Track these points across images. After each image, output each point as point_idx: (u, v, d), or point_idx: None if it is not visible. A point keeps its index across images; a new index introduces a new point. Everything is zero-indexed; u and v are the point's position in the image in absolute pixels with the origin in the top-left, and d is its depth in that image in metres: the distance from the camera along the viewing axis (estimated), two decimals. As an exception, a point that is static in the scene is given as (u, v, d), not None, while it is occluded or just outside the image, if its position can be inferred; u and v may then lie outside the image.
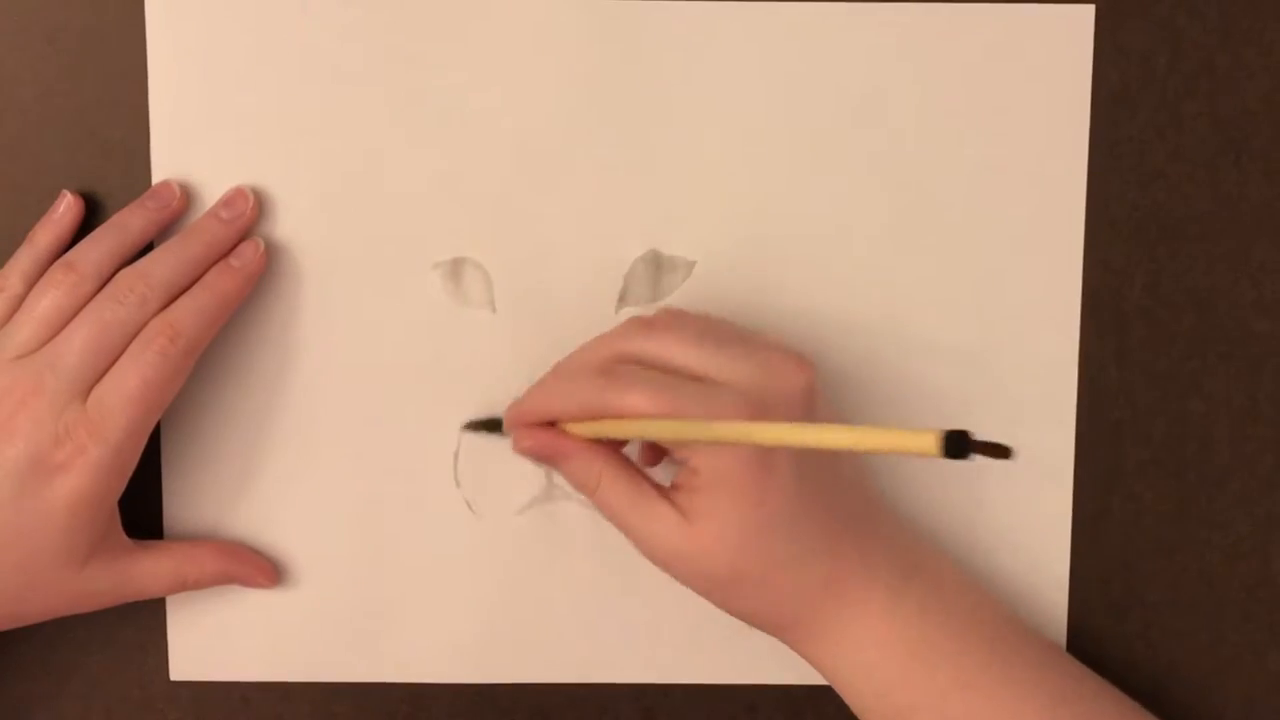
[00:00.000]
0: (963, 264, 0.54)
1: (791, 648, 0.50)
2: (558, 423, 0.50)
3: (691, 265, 0.54)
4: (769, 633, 0.50)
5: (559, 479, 0.54)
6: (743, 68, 0.53)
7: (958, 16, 0.53)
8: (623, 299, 0.54)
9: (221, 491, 0.54)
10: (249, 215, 0.52)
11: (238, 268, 0.52)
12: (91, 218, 0.52)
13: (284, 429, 0.54)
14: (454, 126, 0.53)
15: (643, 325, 0.49)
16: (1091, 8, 0.53)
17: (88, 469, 0.48)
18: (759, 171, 0.53)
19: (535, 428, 0.50)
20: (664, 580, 0.54)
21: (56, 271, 0.50)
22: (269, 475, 0.54)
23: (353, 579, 0.55)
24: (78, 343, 0.49)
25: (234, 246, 0.52)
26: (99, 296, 0.50)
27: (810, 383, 0.48)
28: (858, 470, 0.51)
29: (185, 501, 0.54)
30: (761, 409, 0.46)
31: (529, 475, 0.54)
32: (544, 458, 0.50)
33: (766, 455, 0.47)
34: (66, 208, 0.52)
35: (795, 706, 0.55)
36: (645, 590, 0.55)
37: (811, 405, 0.48)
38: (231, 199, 0.52)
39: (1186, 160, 0.54)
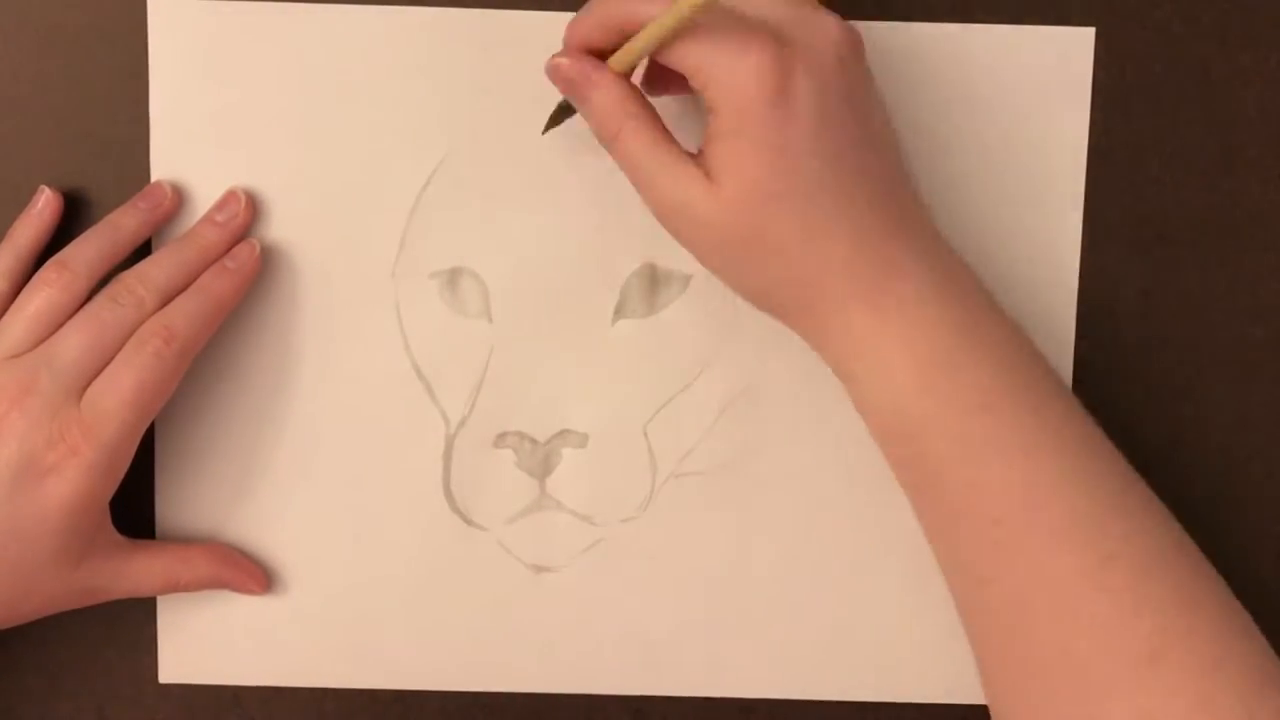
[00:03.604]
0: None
1: (804, 337, 0.48)
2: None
3: (687, 279, 0.54)
4: (783, 316, 0.48)
5: (551, 488, 0.54)
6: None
7: (958, 37, 0.53)
8: (618, 311, 0.54)
9: (214, 495, 0.54)
10: (243, 217, 0.52)
11: (233, 269, 0.52)
12: (90, 217, 0.52)
13: (277, 434, 0.54)
14: (452, 135, 0.53)
15: None
16: (1091, 30, 0.53)
17: (81, 470, 0.48)
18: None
19: (573, 53, 0.48)
20: (657, 590, 0.55)
21: (49, 270, 0.50)
22: (261, 479, 0.54)
23: (343, 585, 0.55)
24: (74, 342, 0.49)
25: (230, 249, 0.52)
26: (97, 297, 0.50)
27: (844, 33, 0.46)
28: (895, 162, 0.48)
29: (178, 504, 0.54)
30: (780, 43, 0.45)
31: (520, 485, 0.54)
32: (572, 85, 0.48)
33: (783, 95, 0.44)
34: (45, 203, 0.52)
35: (788, 715, 0.56)
36: (638, 601, 0.55)
37: (844, 56, 0.46)
38: (225, 202, 0.53)
39: (1182, 166, 0.54)
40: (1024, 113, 0.53)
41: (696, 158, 0.47)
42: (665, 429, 0.54)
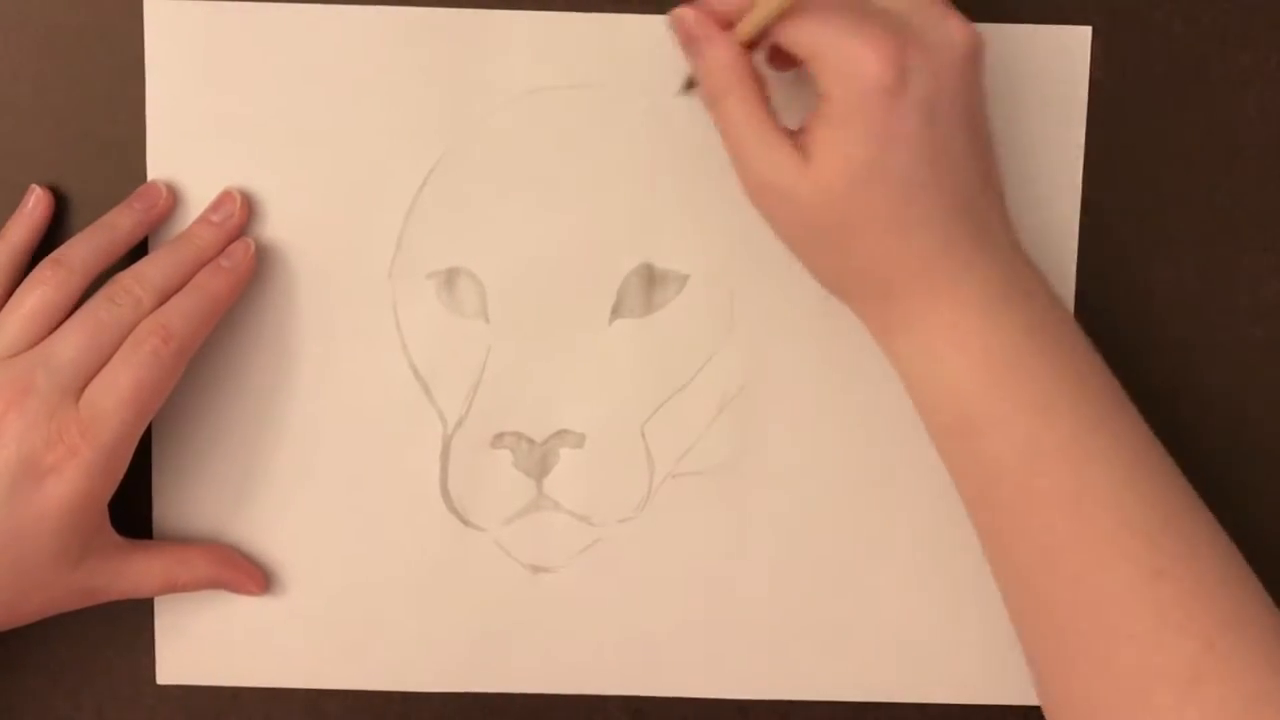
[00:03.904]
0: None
1: (867, 324, 0.49)
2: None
3: (685, 279, 0.54)
4: (850, 300, 0.49)
5: (548, 488, 0.54)
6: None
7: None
8: (616, 311, 0.54)
9: (212, 495, 0.54)
10: (238, 217, 0.52)
11: (228, 268, 0.52)
12: (86, 217, 0.52)
13: (275, 435, 0.54)
14: (449, 135, 0.53)
15: None
16: (1088, 29, 0.53)
17: (80, 471, 0.48)
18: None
19: (697, 8, 0.48)
20: (655, 590, 0.55)
21: (44, 268, 0.50)
22: (259, 480, 0.54)
23: (341, 586, 0.55)
24: (72, 342, 0.49)
25: (226, 248, 0.52)
26: (94, 297, 0.50)
27: (971, 41, 0.46)
28: (988, 172, 0.48)
29: (175, 504, 0.54)
30: (905, 38, 0.45)
31: (518, 485, 0.54)
32: (689, 38, 0.48)
33: (900, 88, 0.45)
34: (36, 201, 0.52)
35: (786, 715, 0.55)
36: (636, 601, 0.55)
37: (964, 62, 0.46)
38: (220, 202, 0.53)
39: (1180, 167, 0.54)
40: (1022, 112, 0.53)
41: (796, 136, 0.47)
42: (663, 429, 0.54)
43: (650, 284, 0.54)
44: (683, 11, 0.48)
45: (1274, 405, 0.55)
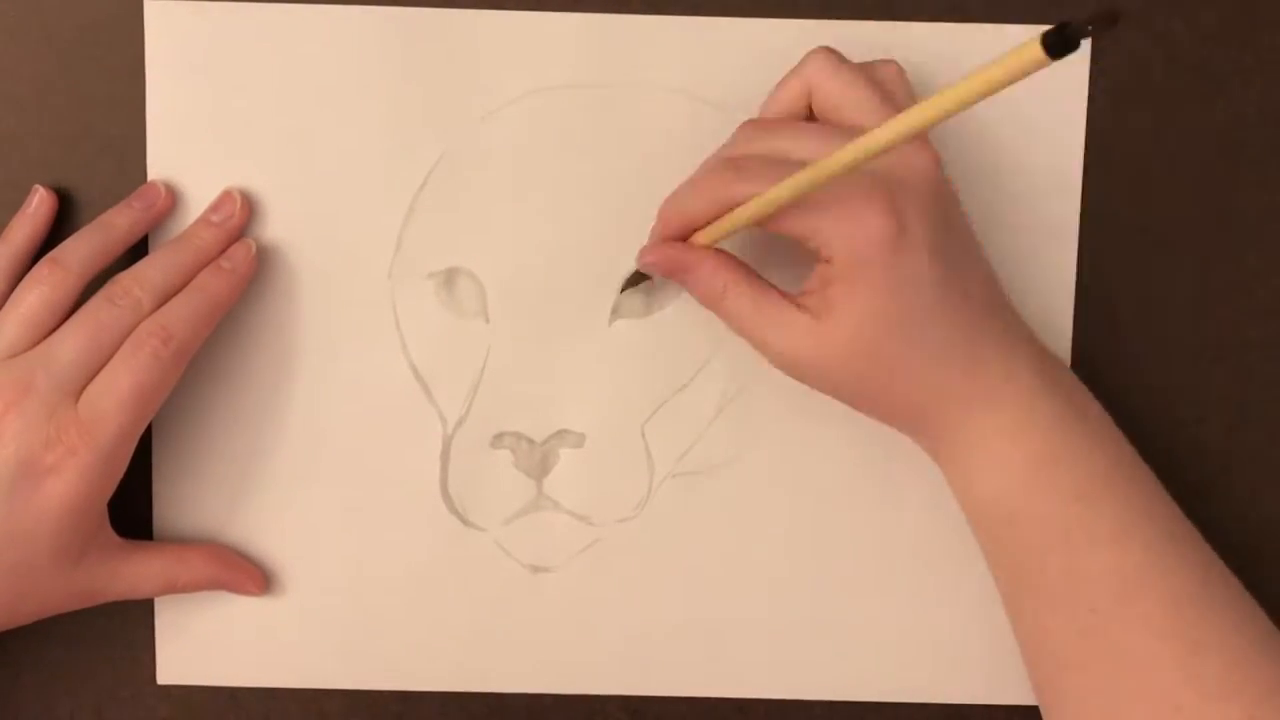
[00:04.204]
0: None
1: (918, 440, 0.50)
2: (685, 239, 0.50)
3: (685, 279, 0.54)
4: (897, 428, 0.50)
5: (548, 488, 0.54)
6: (739, 83, 0.53)
7: (956, 36, 0.53)
8: (616, 311, 0.54)
9: (211, 496, 0.54)
10: (239, 217, 0.52)
11: (228, 269, 0.52)
12: (86, 217, 0.52)
13: (275, 435, 0.54)
14: (449, 135, 0.53)
15: (759, 127, 0.49)
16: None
17: (79, 472, 0.48)
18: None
19: (660, 243, 0.50)
20: (654, 590, 0.55)
21: (42, 268, 0.50)
22: (259, 480, 0.54)
23: (341, 586, 0.55)
24: (71, 343, 0.49)
25: (226, 250, 0.52)
26: (94, 298, 0.50)
27: (936, 161, 0.48)
28: (987, 269, 0.50)
29: (175, 505, 0.54)
30: (889, 185, 0.46)
31: (518, 485, 0.54)
32: (670, 271, 0.50)
33: (902, 234, 0.46)
34: (40, 201, 0.52)
35: (784, 715, 0.55)
36: (635, 601, 0.55)
37: (939, 184, 0.48)
38: (220, 203, 0.53)
39: (1181, 167, 0.54)
40: (1021, 112, 0.53)
41: (800, 298, 0.48)
42: (663, 429, 0.54)
43: (650, 285, 0.54)
44: (652, 256, 0.50)
45: (1274, 405, 0.55)
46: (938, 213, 0.47)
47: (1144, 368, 0.54)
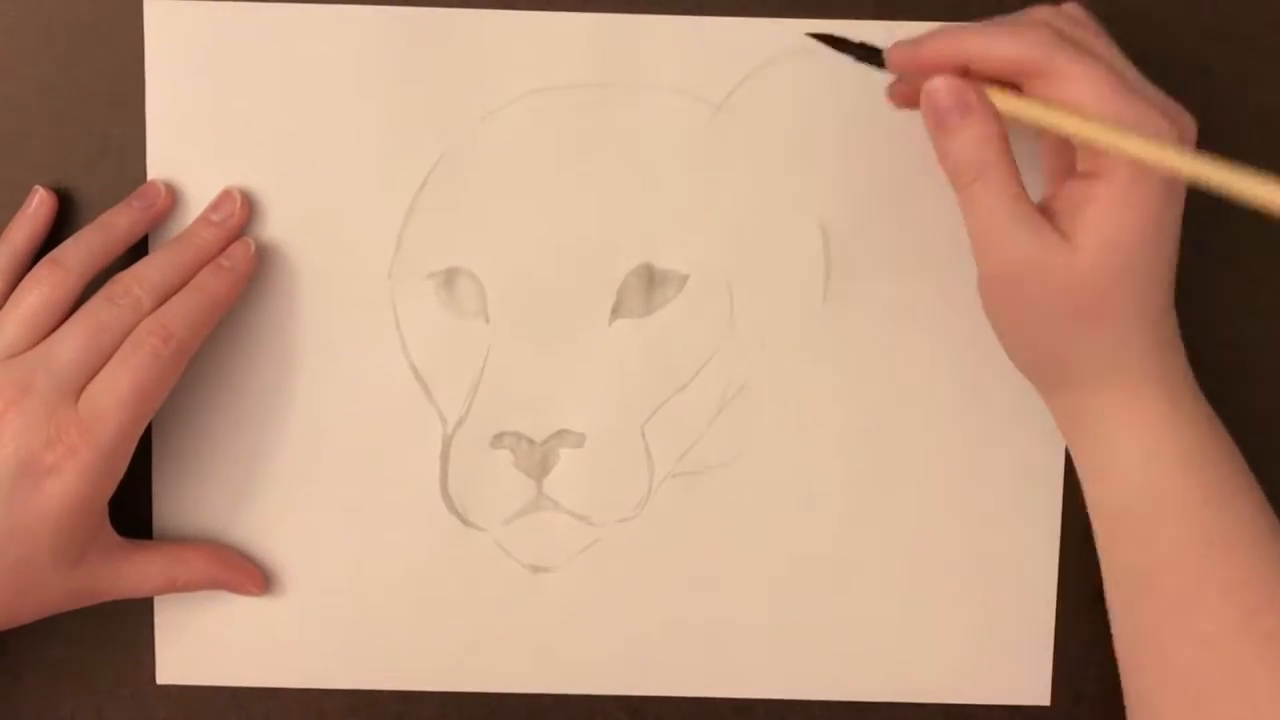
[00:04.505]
0: (957, 271, 0.54)
1: (1056, 409, 0.48)
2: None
3: (685, 279, 0.54)
4: (1039, 379, 0.48)
5: (548, 488, 0.54)
6: (739, 84, 0.53)
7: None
8: (615, 311, 0.54)
9: (211, 495, 0.54)
10: (239, 217, 0.52)
11: (228, 268, 0.52)
12: (86, 217, 0.52)
13: (275, 435, 0.54)
14: (449, 135, 0.53)
15: (1070, 19, 0.46)
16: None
17: (79, 471, 0.48)
18: (752, 186, 0.53)
19: (954, 81, 0.45)
20: (654, 590, 0.55)
21: (42, 268, 0.50)
22: (259, 480, 0.54)
23: (341, 586, 0.55)
24: (71, 343, 0.49)
25: (226, 249, 0.52)
26: (94, 297, 0.50)
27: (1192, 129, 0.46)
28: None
29: (175, 504, 0.54)
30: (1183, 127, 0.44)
31: (518, 485, 0.54)
32: (943, 112, 0.45)
33: (1169, 189, 0.44)
34: (40, 202, 0.52)
35: (784, 715, 0.55)
36: (635, 601, 0.55)
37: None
38: (220, 202, 0.53)
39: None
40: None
41: (1048, 214, 0.45)
42: (662, 429, 0.54)
43: (650, 284, 0.54)
44: (943, 82, 0.45)
45: (1274, 405, 0.55)
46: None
47: (1144, 368, 0.54)
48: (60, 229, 0.53)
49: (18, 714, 0.55)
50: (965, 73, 0.45)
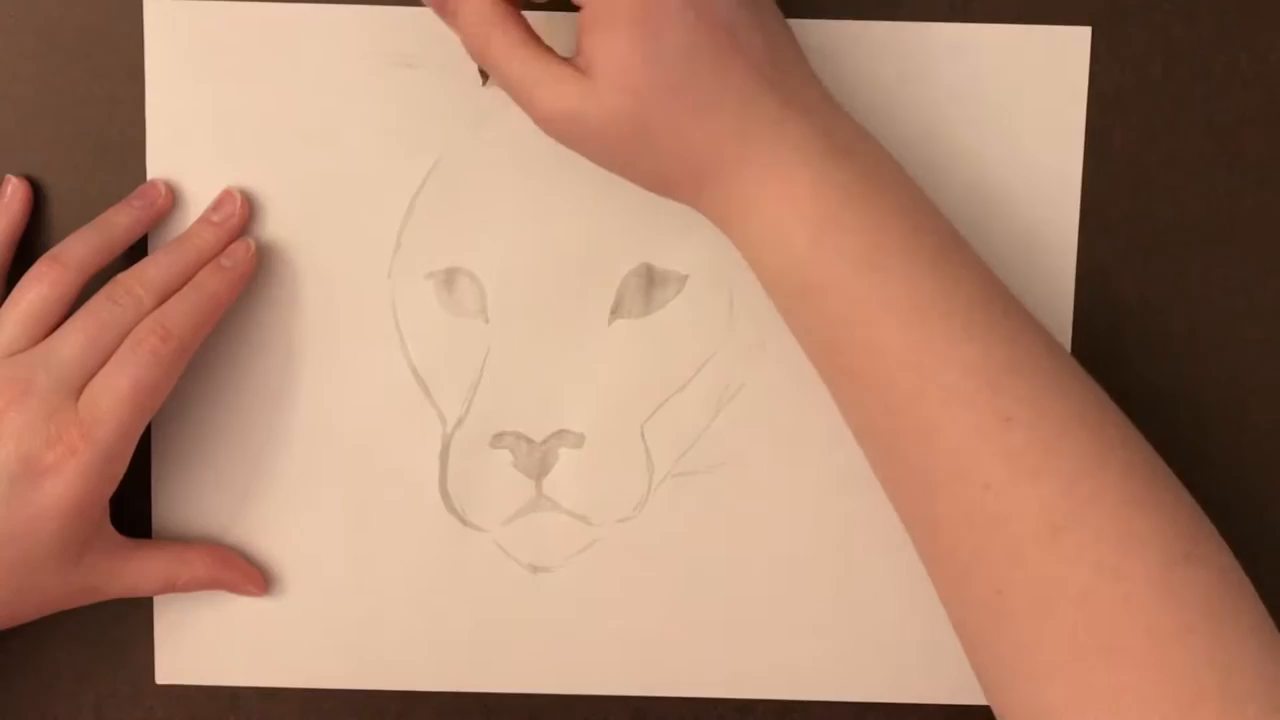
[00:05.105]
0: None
1: (704, 212, 0.48)
2: None
3: (684, 279, 0.54)
4: (680, 195, 0.48)
5: (547, 488, 0.54)
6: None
7: (955, 36, 0.53)
8: (615, 311, 0.54)
9: (211, 495, 0.54)
10: (239, 216, 0.52)
11: (228, 268, 0.52)
12: (86, 216, 0.52)
13: (274, 434, 0.54)
14: (448, 135, 0.53)
15: None
16: (1088, 30, 0.53)
17: (79, 471, 0.48)
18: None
19: None
20: (654, 590, 0.55)
21: (41, 265, 0.50)
22: (258, 480, 0.54)
23: (340, 586, 0.55)
24: (72, 342, 0.49)
25: (226, 248, 0.52)
26: (95, 297, 0.50)
27: None
28: (783, 43, 0.48)
29: (174, 504, 0.54)
30: None
31: (517, 485, 0.54)
32: (442, 3, 0.47)
33: None
34: (14, 191, 0.52)
35: (784, 715, 0.55)
36: (636, 601, 0.55)
37: None
38: (220, 202, 0.53)
39: (1180, 166, 0.54)
40: (1021, 112, 0.53)
41: (572, 59, 0.47)
42: (662, 429, 0.54)
43: (650, 284, 0.54)
44: None
45: (1274, 405, 0.55)
46: None
47: (1143, 367, 0.54)
48: (61, 229, 0.53)
49: (18, 714, 0.55)
50: None
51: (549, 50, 0.47)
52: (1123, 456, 0.44)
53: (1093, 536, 0.42)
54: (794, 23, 0.53)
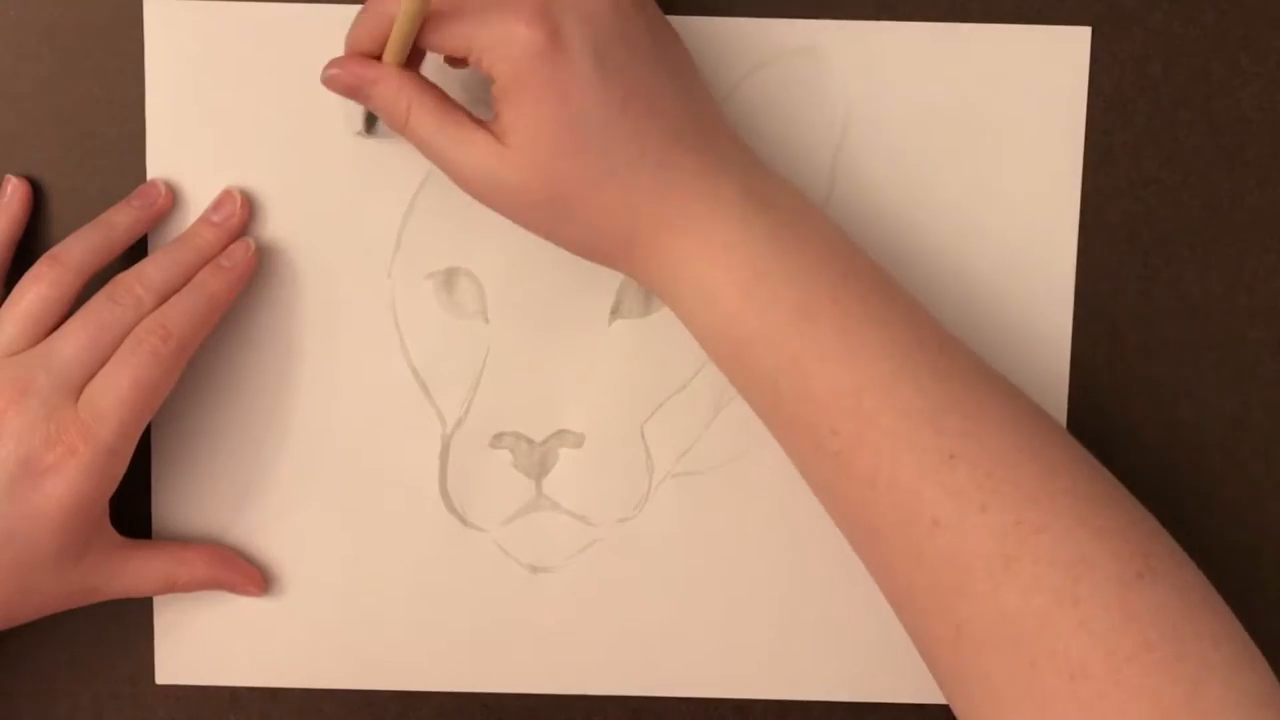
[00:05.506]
0: (957, 272, 0.54)
1: (632, 276, 0.48)
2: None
3: (684, 279, 0.54)
4: (606, 261, 0.48)
5: (547, 488, 0.54)
6: (739, 84, 0.53)
7: (955, 36, 0.53)
8: (615, 312, 0.54)
9: (211, 495, 0.54)
10: (239, 217, 0.52)
11: (228, 268, 0.52)
12: (86, 216, 0.52)
13: (274, 435, 0.54)
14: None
15: None
16: (1088, 30, 0.53)
17: (79, 471, 0.48)
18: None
19: (343, 58, 0.49)
20: (654, 590, 0.55)
21: (41, 265, 0.50)
22: (258, 480, 0.54)
23: (340, 586, 0.55)
24: (72, 342, 0.49)
25: (226, 248, 0.52)
26: (96, 297, 0.50)
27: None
28: (694, 93, 0.48)
29: (174, 504, 0.54)
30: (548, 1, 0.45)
31: (517, 485, 0.54)
32: (351, 88, 0.48)
33: (555, 43, 0.45)
34: (14, 190, 0.52)
35: (784, 715, 0.55)
36: (635, 601, 0.55)
37: (621, 11, 0.46)
38: (220, 202, 0.53)
39: (1180, 167, 0.54)
40: (1021, 112, 0.53)
41: (489, 126, 0.47)
42: (662, 429, 0.54)
43: (649, 284, 0.54)
44: (330, 73, 0.49)
45: (1274, 405, 0.55)
46: (611, 26, 0.46)
47: (1144, 368, 0.54)
48: (60, 228, 0.53)
49: (18, 714, 0.55)
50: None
51: (468, 116, 0.47)
52: (1069, 482, 0.44)
53: (1045, 564, 0.42)
54: (794, 22, 0.53)
